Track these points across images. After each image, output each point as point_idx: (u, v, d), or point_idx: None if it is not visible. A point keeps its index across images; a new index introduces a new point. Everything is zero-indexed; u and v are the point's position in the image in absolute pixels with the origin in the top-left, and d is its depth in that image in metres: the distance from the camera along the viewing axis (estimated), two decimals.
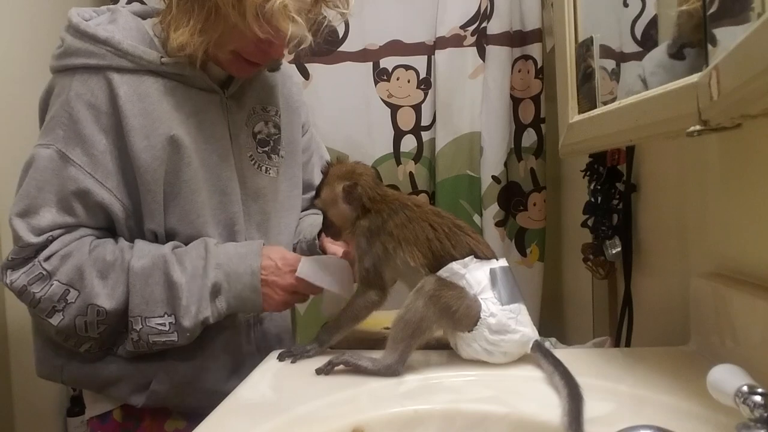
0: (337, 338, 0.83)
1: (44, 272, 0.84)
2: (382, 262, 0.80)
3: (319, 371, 0.75)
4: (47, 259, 0.85)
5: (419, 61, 1.62)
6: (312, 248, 1.07)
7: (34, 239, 0.85)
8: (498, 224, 1.62)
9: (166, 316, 0.87)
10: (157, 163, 0.88)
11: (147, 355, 0.91)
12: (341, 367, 0.75)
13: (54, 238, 0.86)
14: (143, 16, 0.97)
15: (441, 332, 0.78)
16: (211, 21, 0.84)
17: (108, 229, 0.93)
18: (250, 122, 1.01)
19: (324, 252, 1.04)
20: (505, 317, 0.73)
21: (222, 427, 0.63)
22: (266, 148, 1.03)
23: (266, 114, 1.04)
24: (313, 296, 0.96)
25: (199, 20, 0.84)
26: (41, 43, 1.55)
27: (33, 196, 0.85)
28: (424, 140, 1.63)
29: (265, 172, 1.02)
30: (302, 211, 1.16)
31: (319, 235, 1.02)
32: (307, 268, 0.88)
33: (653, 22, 0.80)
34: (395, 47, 1.62)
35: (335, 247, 1.01)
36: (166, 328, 0.87)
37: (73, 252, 0.86)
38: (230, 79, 0.98)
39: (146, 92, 0.87)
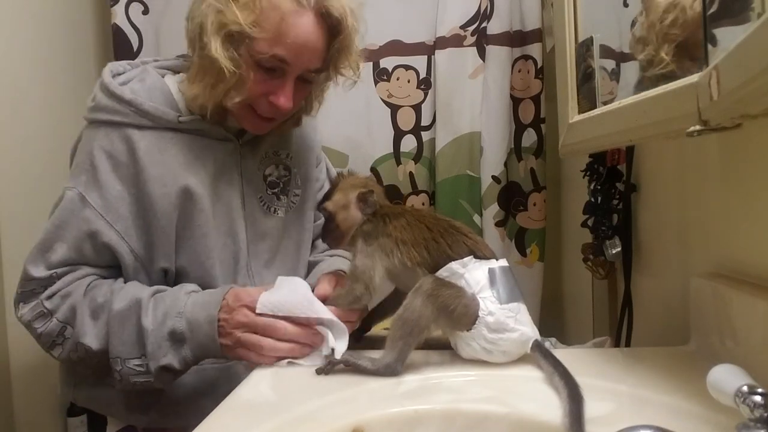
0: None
1: (45, 310, 0.92)
2: (375, 262, 0.81)
3: (319, 371, 0.75)
4: (49, 297, 0.92)
5: (419, 61, 1.62)
6: None
7: (40, 273, 0.92)
8: (498, 224, 1.62)
9: (143, 357, 0.88)
10: (171, 209, 0.94)
11: None
12: (341, 366, 0.75)
13: (58, 276, 0.93)
14: (175, 70, 1.04)
15: (440, 332, 0.78)
16: (222, 77, 0.91)
17: (114, 267, 0.97)
18: (262, 166, 1.07)
19: None
20: (504, 316, 0.74)
21: (222, 427, 0.63)
22: (276, 190, 1.09)
23: (277, 157, 1.10)
24: None
25: (212, 76, 0.92)
26: (42, 43, 1.55)
27: (51, 232, 0.93)
28: (424, 140, 1.63)
29: (274, 213, 1.08)
30: (313, 239, 1.18)
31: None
32: (266, 302, 0.83)
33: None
34: (395, 47, 1.62)
35: None
36: (143, 369, 0.88)
37: (72, 292, 0.92)
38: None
39: (165, 146, 0.95)
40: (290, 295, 0.84)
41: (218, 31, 0.89)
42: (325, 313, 0.82)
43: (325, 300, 0.85)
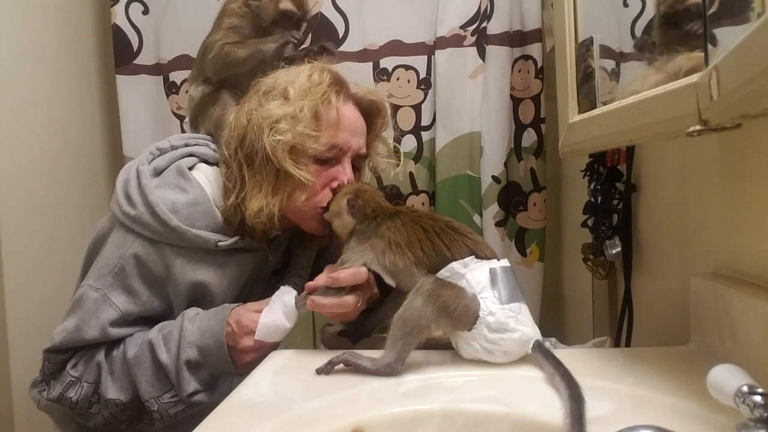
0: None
1: (73, 378, 0.95)
2: (359, 258, 0.85)
3: (319, 371, 0.75)
4: (74, 366, 0.96)
5: (419, 61, 1.62)
6: None
7: (61, 356, 0.96)
8: (498, 224, 1.62)
9: (172, 390, 0.93)
10: (181, 299, 0.98)
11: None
12: (341, 366, 0.75)
13: (78, 349, 0.97)
14: (200, 156, 1.03)
15: (441, 332, 0.78)
16: (280, 180, 0.93)
17: None
18: (274, 260, 1.09)
19: None
20: (505, 316, 0.74)
21: (222, 427, 0.63)
22: (276, 277, 1.12)
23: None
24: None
25: (269, 182, 0.93)
26: (42, 43, 1.55)
27: (72, 333, 0.94)
28: (424, 140, 1.63)
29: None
30: None
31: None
32: (264, 332, 0.91)
33: (653, 22, 0.79)
34: (395, 47, 1.62)
35: None
36: (178, 400, 0.93)
37: (94, 354, 0.96)
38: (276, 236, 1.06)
39: (198, 264, 0.96)
40: (283, 318, 0.91)
41: (288, 153, 0.92)
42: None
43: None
